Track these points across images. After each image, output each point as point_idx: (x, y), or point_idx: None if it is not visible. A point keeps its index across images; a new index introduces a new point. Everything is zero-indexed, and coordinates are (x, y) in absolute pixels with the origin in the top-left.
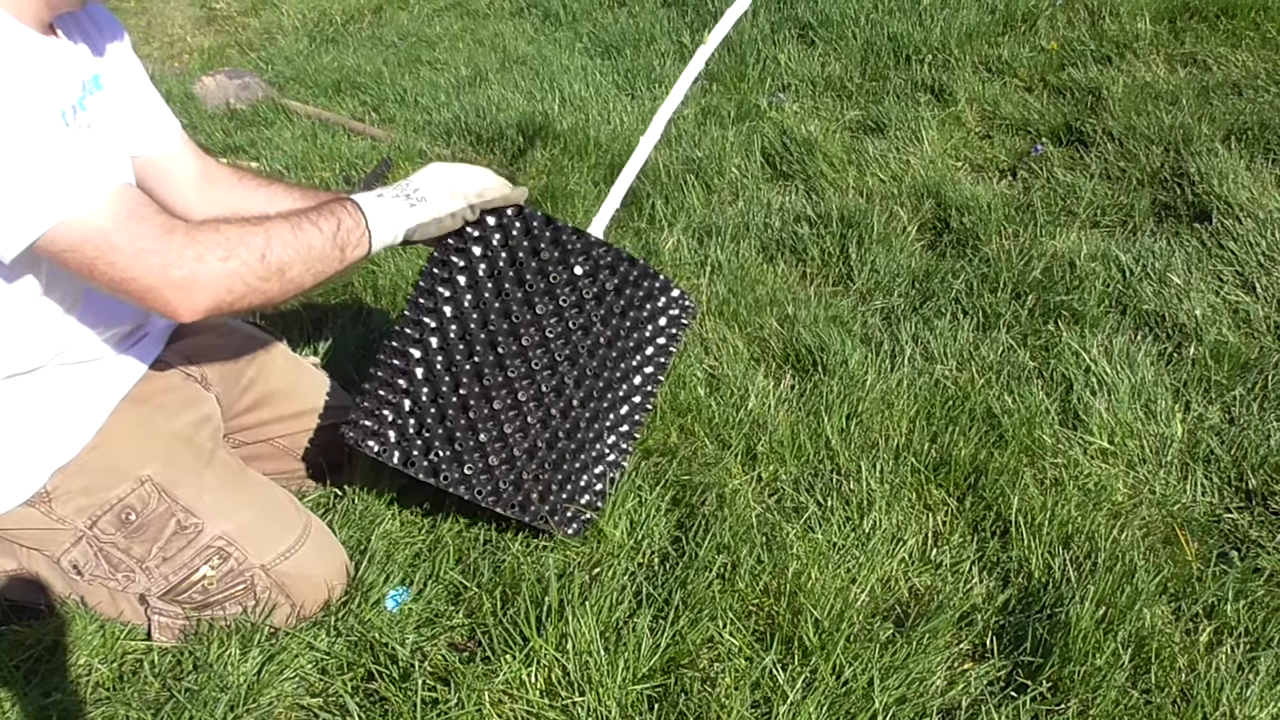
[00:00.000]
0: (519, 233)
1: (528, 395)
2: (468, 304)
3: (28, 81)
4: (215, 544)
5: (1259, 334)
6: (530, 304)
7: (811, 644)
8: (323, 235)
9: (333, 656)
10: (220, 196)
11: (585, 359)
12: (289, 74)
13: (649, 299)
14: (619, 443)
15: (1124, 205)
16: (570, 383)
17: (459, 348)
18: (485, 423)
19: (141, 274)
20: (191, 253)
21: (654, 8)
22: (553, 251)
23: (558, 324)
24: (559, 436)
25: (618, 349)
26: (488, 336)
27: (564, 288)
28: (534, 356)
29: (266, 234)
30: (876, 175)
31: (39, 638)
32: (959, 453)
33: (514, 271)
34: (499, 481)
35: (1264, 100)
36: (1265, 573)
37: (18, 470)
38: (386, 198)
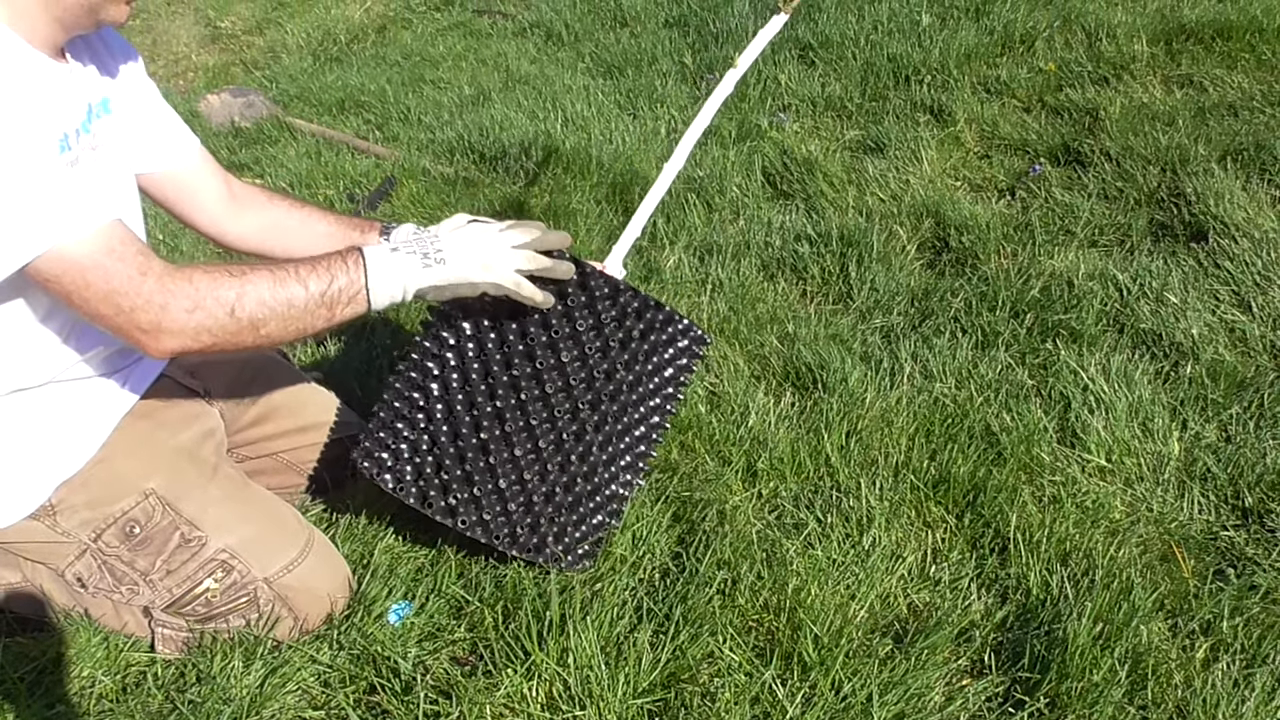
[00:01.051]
0: (550, 285)
1: (548, 442)
2: (490, 345)
3: (27, 108)
4: (219, 557)
5: (1255, 353)
6: (555, 349)
7: (811, 659)
8: (307, 293)
9: (335, 669)
10: (251, 214)
11: (607, 404)
12: (293, 92)
13: (671, 343)
14: (630, 478)
15: (1121, 225)
16: (591, 428)
17: (480, 389)
18: (505, 467)
19: (111, 313)
20: (159, 300)
21: (656, 28)
22: (579, 296)
23: (582, 369)
24: (576, 481)
25: (639, 393)
26: (511, 380)
27: (590, 333)
28: (557, 403)
29: (241, 288)
30: (876, 194)
31: (43, 650)
32: (958, 470)
33: (539, 315)
34: (516, 526)
35: (1259, 121)
36: (1261, 590)
37: (22, 484)
38: (401, 253)
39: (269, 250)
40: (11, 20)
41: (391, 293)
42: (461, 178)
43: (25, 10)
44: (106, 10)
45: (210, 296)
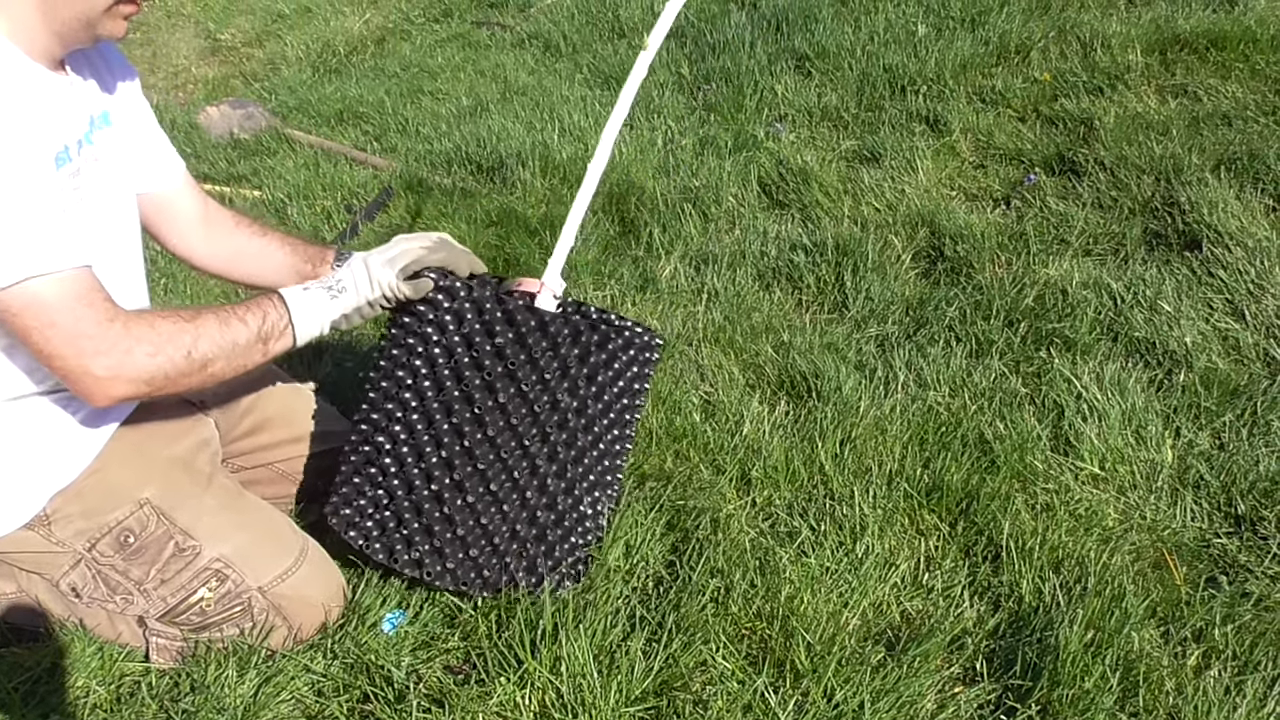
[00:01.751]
0: (471, 317)
1: (500, 484)
2: (429, 394)
3: (21, 125)
4: (213, 566)
5: (1248, 361)
6: (493, 390)
7: (803, 667)
8: (248, 330)
9: (329, 678)
10: (220, 238)
11: (556, 434)
12: (292, 104)
13: (613, 359)
14: (601, 496)
15: (1115, 234)
16: (543, 461)
17: (425, 439)
18: (461, 514)
19: (71, 355)
20: (123, 345)
21: None
22: (508, 333)
23: (523, 406)
24: (538, 514)
25: (587, 416)
26: (452, 427)
27: (524, 368)
28: (503, 443)
29: (196, 331)
30: (872, 204)
31: (37, 660)
32: (951, 478)
33: (470, 358)
34: (483, 570)
35: (1253, 131)
36: (1253, 597)
37: (17, 494)
38: (312, 290)
39: (231, 275)
40: (11, 33)
41: (310, 329)
42: (459, 188)
43: (24, 23)
44: (104, 25)
45: (170, 341)
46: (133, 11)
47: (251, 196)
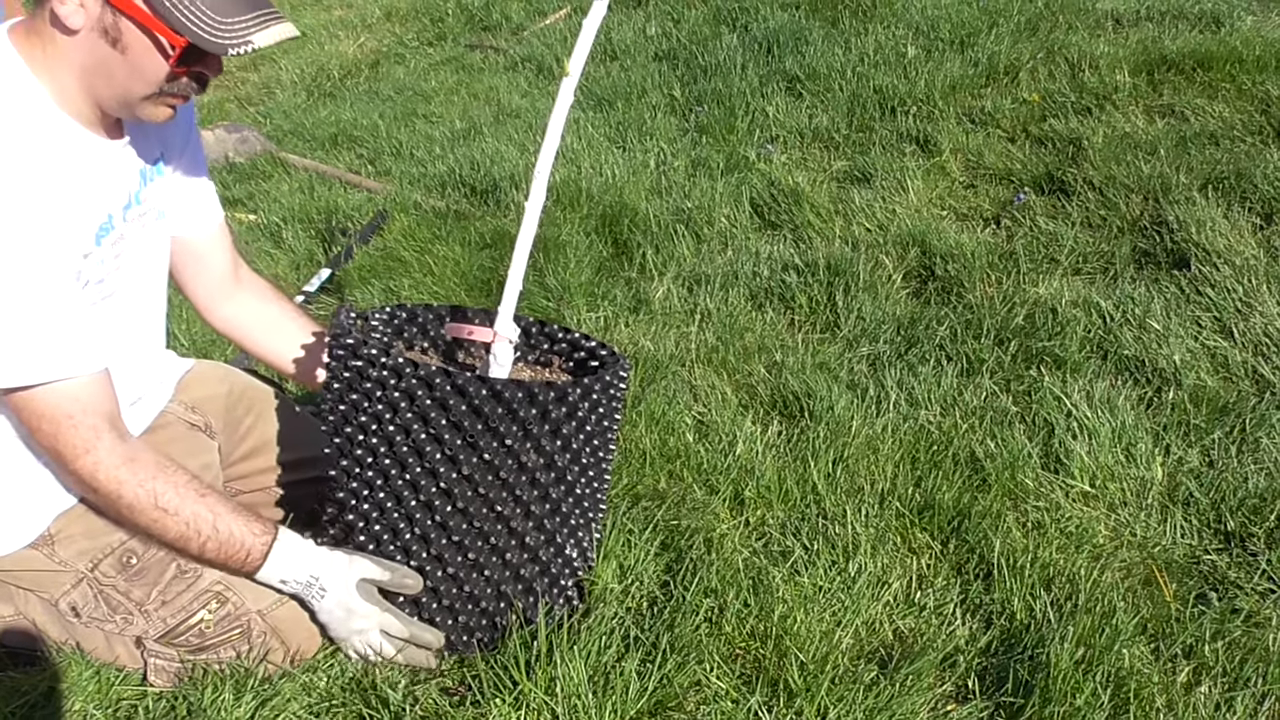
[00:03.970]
0: (422, 393)
1: (479, 550)
2: (392, 473)
3: (57, 217)
4: (214, 588)
5: (1237, 378)
6: (455, 462)
7: (796, 686)
8: (203, 556)
9: (326, 700)
10: (245, 300)
11: (527, 492)
12: (287, 128)
13: (574, 411)
14: (585, 536)
15: (1105, 253)
16: (518, 522)
17: (396, 517)
18: (445, 584)
19: (70, 457)
20: (86, 479)
21: (645, 62)
22: (461, 405)
23: (489, 473)
24: (521, 570)
25: (557, 469)
26: (420, 503)
27: (484, 437)
28: (474, 511)
29: (172, 516)
30: (863, 224)
31: (34, 684)
32: (943, 497)
33: (428, 434)
34: (474, 632)
35: (1240, 150)
36: (1243, 613)
37: (21, 513)
38: (288, 585)
39: (244, 342)
40: (61, 101)
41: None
42: (453, 211)
43: (70, 93)
44: (144, 110)
45: (150, 516)
46: (178, 103)
47: (247, 220)
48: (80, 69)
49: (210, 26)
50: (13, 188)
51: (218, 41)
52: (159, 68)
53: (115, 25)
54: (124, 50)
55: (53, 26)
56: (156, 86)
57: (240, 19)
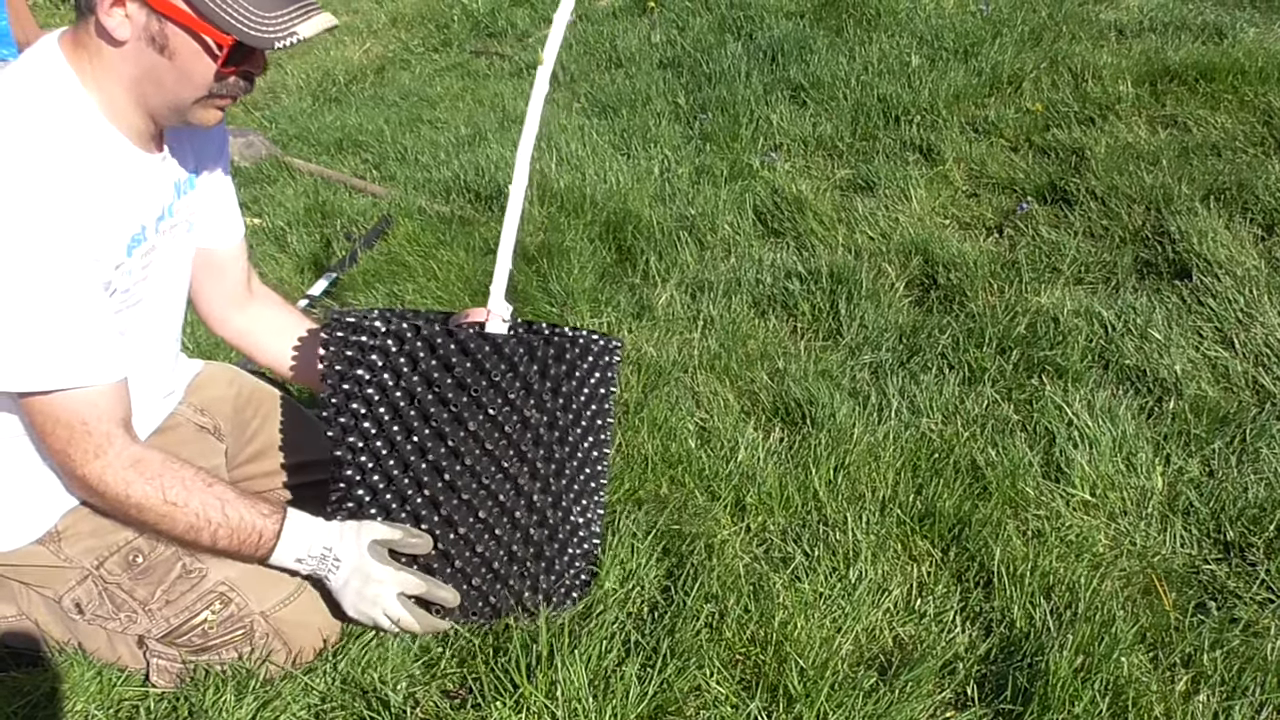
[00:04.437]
0: (425, 355)
1: (489, 510)
2: (399, 439)
3: (89, 226)
4: (218, 589)
5: (1237, 389)
6: (461, 421)
7: (796, 692)
8: (216, 549)
9: (326, 702)
10: (256, 310)
11: (532, 451)
12: (292, 132)
13: (574, 369)
14: (589, 503)
15: (1107, 263)
16: (525, 480)
17: (405, 483)
18: (456, 548)
19: (79, 461)
20: (94, 484)
21: (650, 69)
22: (465, 363)
23: (495, 431)
24: (530, 532)
25: (559, 428)
26: (429, 465)
27: (488, 393)
28: (482, 470)
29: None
30: (866, 233)
31: (36, 684)
32: (944, 504)
33: (434, 394)
34: (489, 597)
35: (1242, 161)
36: (1241, 623)
37: (30, 510)
38: (304, 563)
39: (254, 351)
40: (110, 114)
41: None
42: (457, 216)
43: (119, 104)
44: (195, 114)
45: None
46: (227, 104)
47: (252, 224)
48: (130, 80)
49: (254, 22)
50: (55, 200)
51: (263, 36)
52: (207, 69)
53: (162, 32)
54: (172, 56)
55: (99, 39)
56: (206, 89)
57: (282, 12)
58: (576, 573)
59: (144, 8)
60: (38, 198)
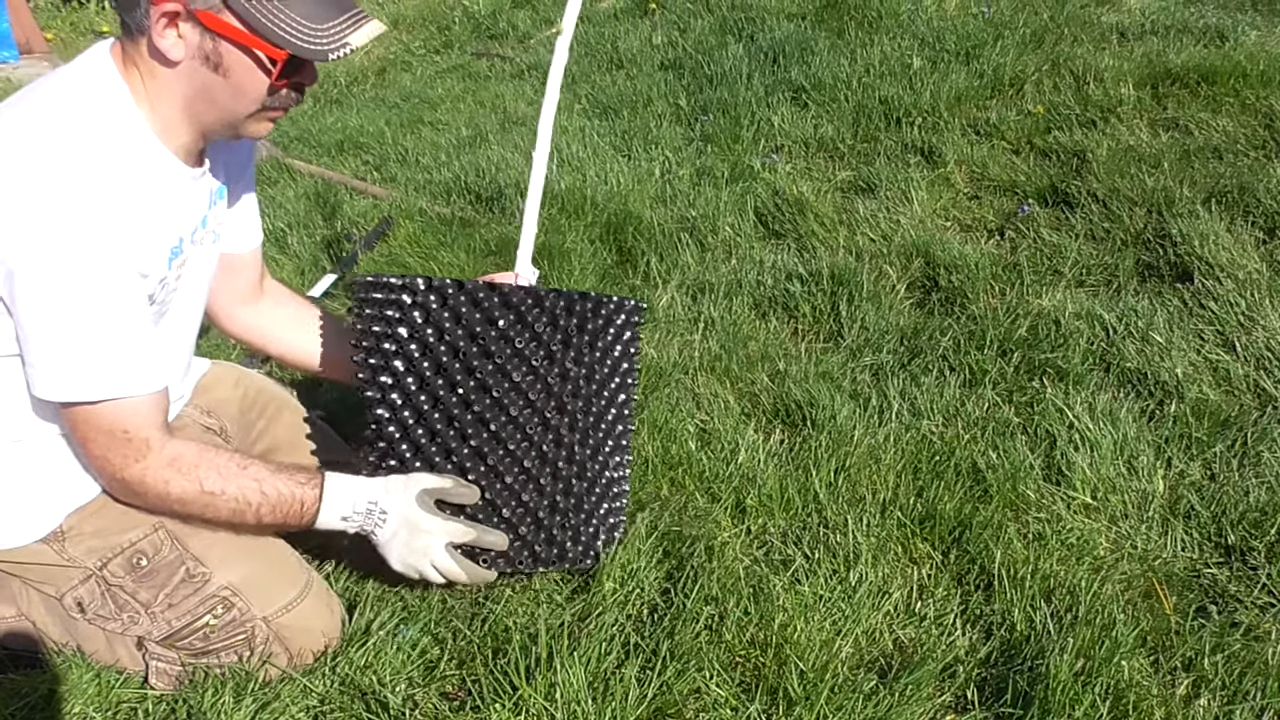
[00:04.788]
0: (468, 310)
1: (532, 460)
2: (442, 393)
3: (141, 241)
4: (221, 594)
5: (1239, 392)
6: (505, 373)
7: (796, 695)
8: (260, 523)
9: (325, 704)
10: (265, 305)
11: (572, 403)
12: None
13: (609, 323)
14: (622, 459)
15: (1108, 265)
16: (565, 431)
17: (450, 436)
18: (501, 497)
19: (119, 466)
20: (135, 487)
21: (651, 71)
22: (508, 315)
23: (536, 382)
24: (572, 483)
25: (596, 381)
26: (475, 417)
27: (530, 345)
28: (525, 421)
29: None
30: (867, 234)
31: (34, 686)
32: (944, 507)
33: (478, 347)
34: (533, 546)
35: (1243, 164)
36: (1242, 627)
37: (35, 509)
38: (350, 521)
39: (265, 344)
40: (160, 132)
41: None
42: (458, 218)
43: (171, 122)
44: (248, 128)
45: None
46: (279, 116)
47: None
48: (184, 99)
49: (308, 35)
50: (106, 218)
51: (317, 48)
52: (261, 84)
53: (216, 50)
54: (226, 73)
55: (152, 60)
56: (259, 103)
57: (333, 23)
58: (612, 526)
59: (197, 27)
60: (89, 215)
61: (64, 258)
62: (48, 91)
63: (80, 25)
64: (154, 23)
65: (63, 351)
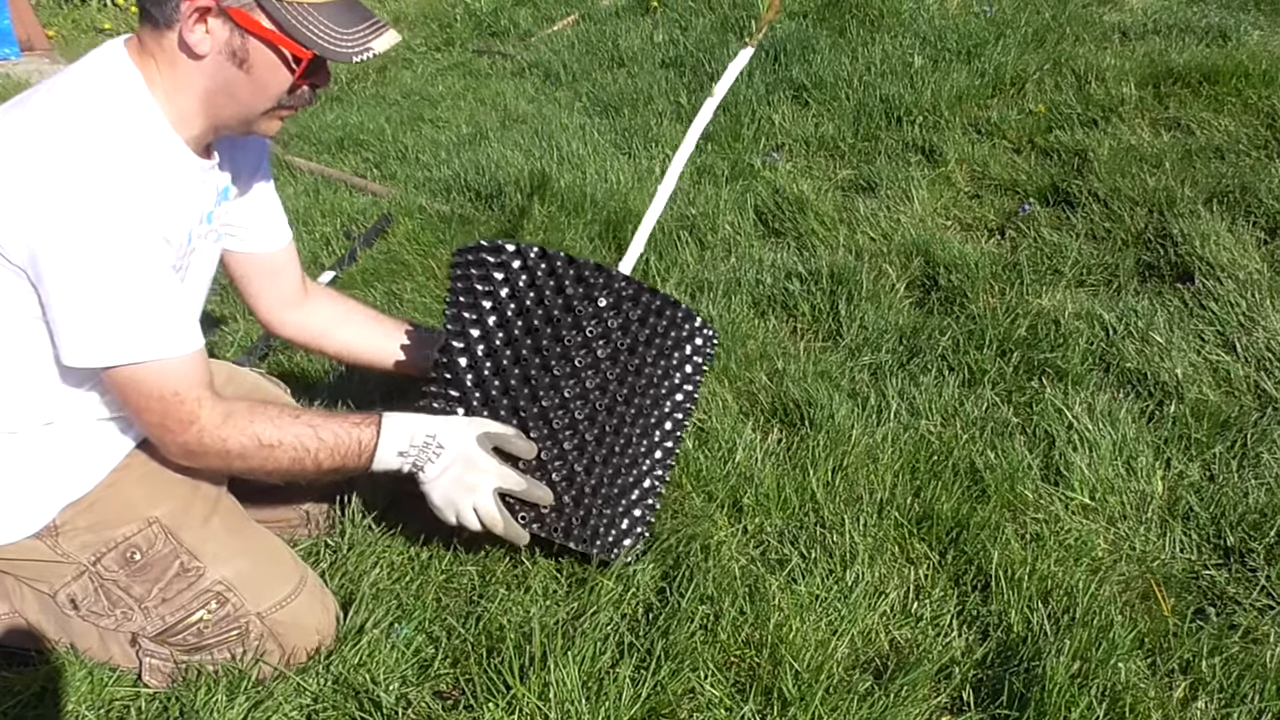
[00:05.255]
0: (571, 281)
1: (593, 436)
2: (524, 352)
3: (168, 216)
4: (215, 589)
5: (1239, 393)
6: (590, 348)
7: (790, 695)
8: (319, 469)
9: (318, 703)
10: (314, 306)
11: (641, 398)
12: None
13: (673, 327)
14: (661, 473)
15: (1109, 265)
16: (628, 420)
17: (523, 393)
18: (555, 464)
19: (177, 431)
20: (194, 447)
21: (652, 69)
22: (609, 297)
23: (615, 366)
24: (620, 472)
25: (666, 388)
26: (551, 381)
27: (619, 331)
28: (597, 399)
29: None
30: (867, 233)
31: (27, 684)
32: (942, 507)
33: (572, 317)
34: (570, 519)
35: (1245, 164)
36: (1241, 629)
37: (29, 504)
38: (406, 458)
39: (319, 342)
40: (175, 121)
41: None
42: (457, 215)
43: (188, 115)
44: (260, 124)
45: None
46: (290, 115)
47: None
48: (204, 92)
49: (335, 38)
50: (130, 184)
51: (343, 51)
52: (283, 82)
53: (244, 46)
54: (250, 70)
55: (179, 51)
56: (276, 100)
57: (357, 29)
58: (639, 534)
59: (228, 23)
60: (110, 183)
61: (91, 223)
62: (62, 82)
63: (82, 22)
64: (185, 17)
65: (101, 316)
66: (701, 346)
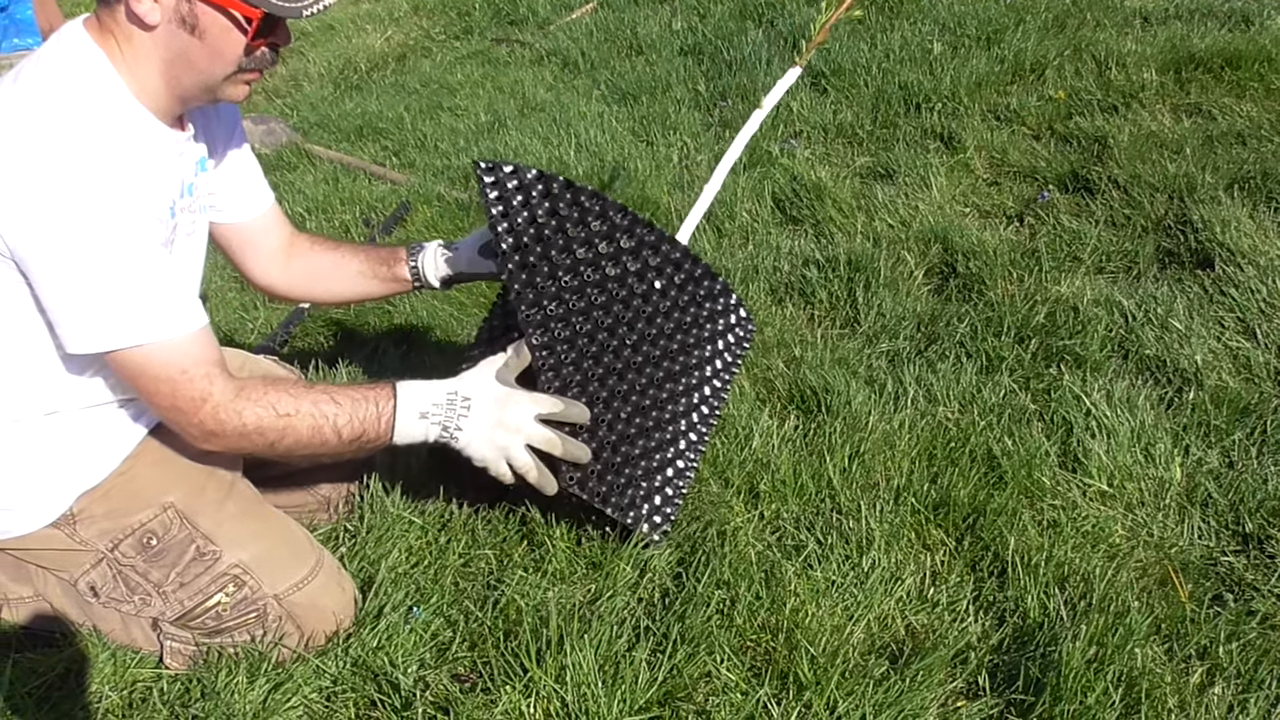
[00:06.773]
0: (649, 251)
1: (637, 405)
2: (586, 340)
3: (149, 193)
4: (232, 572)
5: (1259, 380)
6: (653, 321)
7: (806, 680)
8: (340, 441)
9: (337, 685)
10: (298, 261)
11: (688, 375)
12: (313, 119)
13: (709, 298)
14: (694, 457)
15: (1128, 252)
16: (682, 397)
17: (604, 360)
18: (600, 421)
19: (190, 410)
20: (211, 426)
21: (671, 56)
22: (651, 259)
23: (677, 332)
24: (664, 447)
25: (715, 367)
26: (631, 354)
27: (692, 305)
28: (656, 368)
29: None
30: (885, 220)
31: (51, 665)
32: (959, 493)
33: (611, 287)
34: (606, 478)
35: (1267, 150)
36: (1259, 615)
37: (45, 493)
38: (428, 420)
39: (311, 295)
40: (139, 94)
41: (411, 442)
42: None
43: (150, 86)
44: (225, 91)
45: (275, 428)
46: (255, 79)
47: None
48: (162, 62)
49: None
50: (109, 165)
51: (291, 6)
52: (237, 44)
53: (191, 12)
54: (202, 35)
55: (130, 24)
56: (236, 64)
57: None
58: (669, 514)
59: None
60: (85, 161)
61: (67, 206)
62: (26, 70)
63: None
64: None
65: (95, 299)
66: (740, 325)
